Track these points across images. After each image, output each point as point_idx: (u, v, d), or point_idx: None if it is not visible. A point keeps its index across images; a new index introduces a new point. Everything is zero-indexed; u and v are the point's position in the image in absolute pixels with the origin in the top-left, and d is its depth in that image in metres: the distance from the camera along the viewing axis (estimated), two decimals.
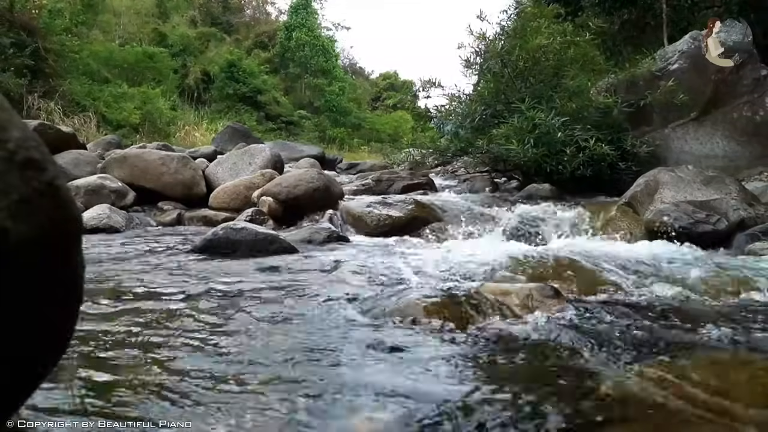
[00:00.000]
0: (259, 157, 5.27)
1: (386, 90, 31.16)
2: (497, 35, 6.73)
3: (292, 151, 10.22)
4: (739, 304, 1.83)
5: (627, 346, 1.36)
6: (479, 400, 1.01)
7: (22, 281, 0.57)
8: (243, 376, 1.10)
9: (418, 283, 2.05)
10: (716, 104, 5.49)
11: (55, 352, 0.70)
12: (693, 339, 1.43)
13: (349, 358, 1.23)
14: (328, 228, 3.40)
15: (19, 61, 11.64)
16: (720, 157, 5.35)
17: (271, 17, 29.74)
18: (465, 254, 2.62)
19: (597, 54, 6.26)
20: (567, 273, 2.16)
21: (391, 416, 0.93)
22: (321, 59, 24.58)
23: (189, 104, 19.72)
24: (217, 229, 2.87)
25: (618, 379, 1.10)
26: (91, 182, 4.44)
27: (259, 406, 0.96)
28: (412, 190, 5.38)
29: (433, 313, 1.55)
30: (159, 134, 14.13)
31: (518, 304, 1.64)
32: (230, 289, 1.93)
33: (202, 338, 1.35)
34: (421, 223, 3.67)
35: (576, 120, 5.17)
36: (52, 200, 0.60)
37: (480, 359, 1.27)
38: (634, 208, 3.58)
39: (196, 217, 4.36)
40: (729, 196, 3.32)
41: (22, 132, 0.59)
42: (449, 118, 6.84)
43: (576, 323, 1.54)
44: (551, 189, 4.92)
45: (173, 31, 21.85)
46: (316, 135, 21.31)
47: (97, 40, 17.25)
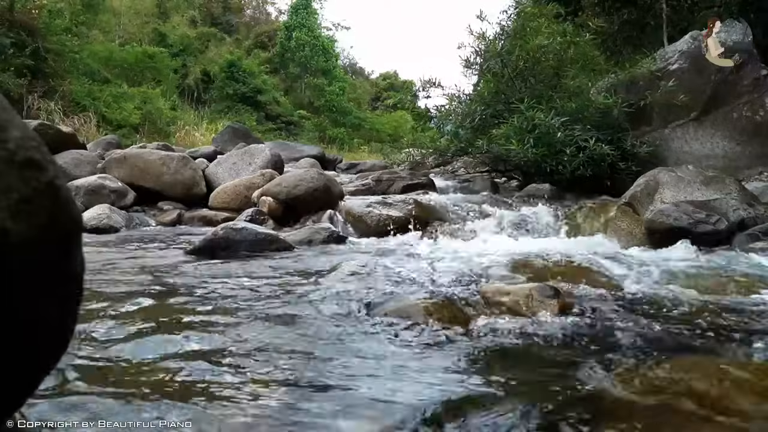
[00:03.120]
0: (259, 157, 5.27)
1: (386, 90, 31.15)
2: (497, 35, 6.74)
3: (292, 151, 10.21)
4: (739, 303, 1.83)
5: (627, 345, 1.36)
6: (479, 399, 1.01)
7: (23, 281, 0.57)
8: (243, 375, 1.10)
9: (418, 283, 2.05)
10: (716, 104, 5.48)
11: (55, 351, 0.70)
12: (693, 339, 1.43)
13: (349, 358, 1.23)
14: (328, 228, 3.40)
15: (19, 61, 11.65)
16: (720, 157, 5.34)
17: (271, 17, 29.80)
18: (465, 254, 2.63)
19: (597, 54, 6.26)
20: (567, 273, 2.16)
21: (390, 416, 0.93)
22: (321, 59, 24.59)
23: (189, 104, 19.73)
24: (217, 229, 2.87)
25: (617, 379, 1.10)
26: (91, 182, 4.44)
27: (258, 406, 0.96)
28: (412, 190, 5.37)
29: (433, 313, 1.55)
30: (159, 134, 14.13)
31: (518, 304, 1.64)
32: (230, 289, 1.93)
33: (202, 338, 1.35)
34: (421, 223, 3.67)
35: (576, 120, 5.16)
36: (52, 200, 0.60)
37: (480, 359, 1.27)
38: (634, 208, 3.58)
39: (196, 217, 4.36)
40: (729, 196, 3.31)
41: (22, 132, 0.59)
42: (449, 118, 6.84)
43: (576, 323, 1.54)
44: (551, 189, 4.92)
45: (173, 31, 21.85)
46: (316, 135, 21.31)
47: (97, 40, 17.26)
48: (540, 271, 2.20)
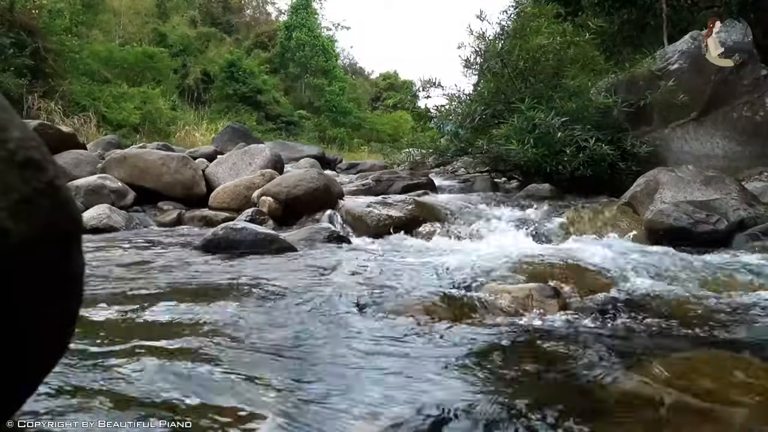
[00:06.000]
0: (259, 157, 5.26)
1: (386, 90, 31.15)
2: (497, 35, 6.74)
3: (292, 151, 10.22)
4: (739, 303, 1.83)
5: (626, 344, 1.36)
6: (478, 399, 1.01)
7: (23, 281, 0.57)
8: (242, 375, 1.10)
9: (418, 282, 2.05)
10: (716, 104, 5.48)
11: (55, 351, 0.70)
12: (692, 338, 1.43)
13: (349, 358, 1.23)
14: (328, 228, 3.40)
15: (19, 61, 11.65)
16: (720, 157, 5.34)
17: (271, 17, 29.82)
18: (465, 254, 2.63)
19: (597, 54, 6.26)
20: (566, 273, 2.16)
21: (390, 415, 0.93)
22: (321, 59, 24.60)
23: (189, 104, 19.74)
24: (217, 229, 2.87)
25: (617, 378, 1.10)
26: (91, 182, 4.43)
27: (256, 405, 0.96)
28: (412, 190, 5.37)
29: (433, 312, 1.55)
30: (159, 134, 14.14)
31: (518, 304, 1.64)
32: (229, 289, 1.93)
33: (201, 338, 1.35)
34: (421, 223, 3.67)
35: (576, 120, 5.16)
36: (52, 200, 0.60)
37: (480, 358, 1.27)
38: (634, 208, 3.58)
39: (196, 217, 4.35)
40: (729, 196, 3.32)
41: (22, 132, 0.59)
42: (449, 118, 6.84)
43: (576, 323, 1.54)
44: (551, 189, 4.92)
45: (173, 31, 21.86)
46: (316, 135, 21.32)
47: (97, 40, 17.26)
48: (540, 271, 2.20)
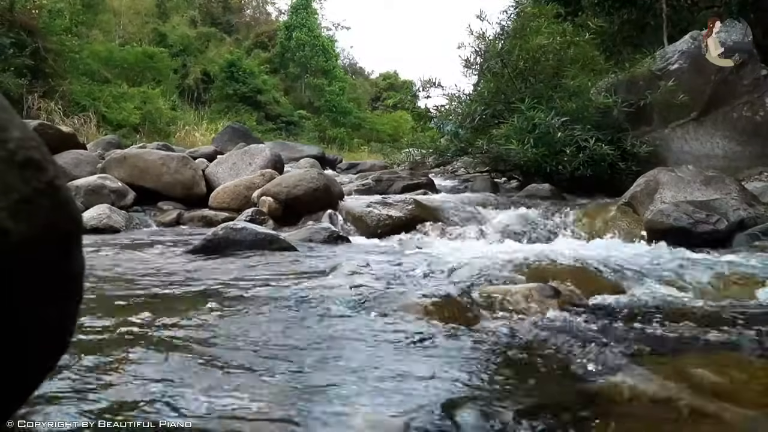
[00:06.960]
0: (259, 157, 5.27)
1: (386, 90, 31.16)
2: (497, 35, 6.75)
3: (292, 151, 10.23)
4: (739, 303, 1.83)
5: (626, 344, 1.36)
6: (479, 398, 1.01)
7: (22, 281, 0.57)
8: (241, 374, 1.10)
9: (418, 282, 2.05)
10: (716, 104, 5.49)
11: (55, 352, 0.70)
12: (692, 339, 1.43)
13: (349, 358, 1.23)
14: (328, 228, 3.40)
15: (19, 61, 11.66)
16: (720, 157, 5.35)
17: (271, 17, 29.82)
18: (465, 254, 2.63)
19: (597, 54, 6.27)
20: (566, 273, 2.16)
21: (389, 415, 0.93)
22: (321, 59, 24.60)
23: (189, 104, 19.74)
24: (217, 229, 2.87)
25: (617, 378, 1.10)
26: (91, 182, 4.44)
27: (256, 405, 0.96)
28: (412, 190, 5.38)
29: (433, 312, 1.55)
30: (159, 134, 14.14)
31: (518, 304, 1.64)
32: (230, 289, 1.93)
33: (201, 338, 1.35)
34: (420, 223, 3.67)
35: (576, 120, 5.17)
36: (52, 200, 0.60)
37: (480, 358, 1.27)
38: (634, 208, 3.58)
39: (196, 217, 4.36)
40: (729, 196, 3.32)
41: (22, 132, 0.59)
42: (449, 118, 6.85)
43: (576, 323, 1.54)
44: (551, 189, 4.92)
45: (173, 31, 21.87)
46: (316, 135, 21.33)
47: (97, 40, 17.27)
48: (540, 271, 2.20)
